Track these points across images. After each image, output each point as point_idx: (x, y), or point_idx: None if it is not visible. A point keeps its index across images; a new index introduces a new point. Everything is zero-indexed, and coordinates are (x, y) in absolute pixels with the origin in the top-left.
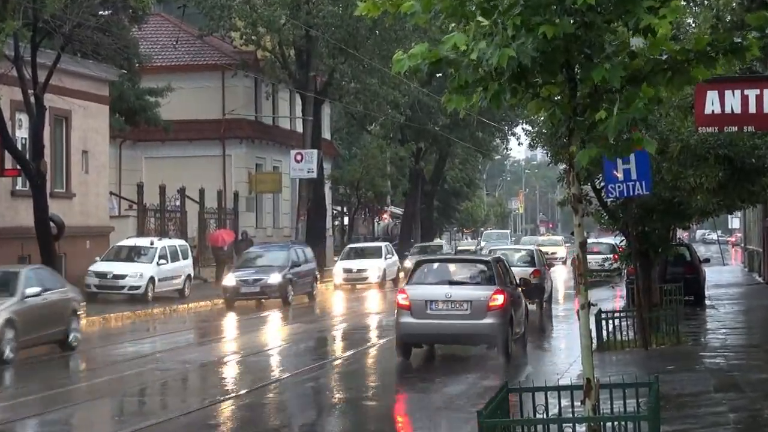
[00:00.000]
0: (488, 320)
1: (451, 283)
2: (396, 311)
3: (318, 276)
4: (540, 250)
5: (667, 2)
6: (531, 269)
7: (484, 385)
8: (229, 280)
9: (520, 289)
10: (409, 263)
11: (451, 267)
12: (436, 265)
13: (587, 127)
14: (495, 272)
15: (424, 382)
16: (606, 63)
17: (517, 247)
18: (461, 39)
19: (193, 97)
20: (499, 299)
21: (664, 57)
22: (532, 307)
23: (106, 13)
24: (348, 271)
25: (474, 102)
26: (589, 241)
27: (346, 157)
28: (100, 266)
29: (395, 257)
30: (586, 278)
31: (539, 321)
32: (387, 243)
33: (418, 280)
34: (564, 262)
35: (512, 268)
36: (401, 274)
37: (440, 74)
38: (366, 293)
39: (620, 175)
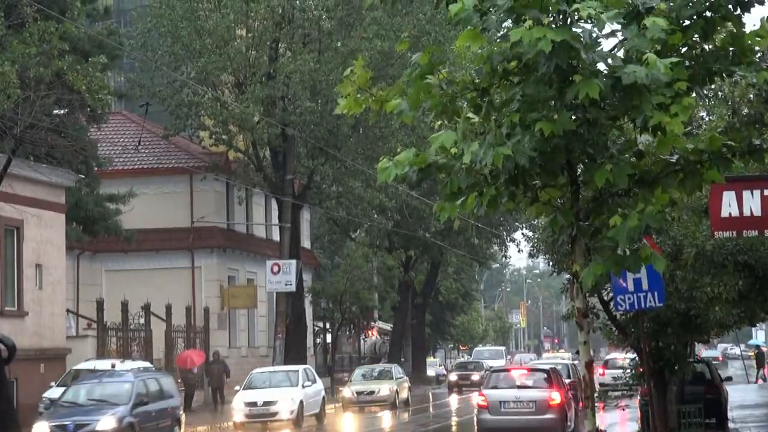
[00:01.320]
0: (549, 415)
1: (519, 387)
2: (476, 410)
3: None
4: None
5: (678, 98)
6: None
7: None
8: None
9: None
10: (453, 377)
11: (517, 374)
12: (504, 373)
13: (591, 234)
14: (553, 378)
15: None
16: (609, 163)
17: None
18: (449, 138)
19: (158, 203)
20: (557, 398)
21: (675, 157)
22: None
23: (62, 112)
24: (251, 404)
25: (469, 208)
26: (611, 356)
27: (327, 267)
28: (56, 392)
29: (319, 385)
30: (593, 402)
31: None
32: (306, 367)
33: (492, 385)
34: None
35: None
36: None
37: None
38: None
39: (630, 286)
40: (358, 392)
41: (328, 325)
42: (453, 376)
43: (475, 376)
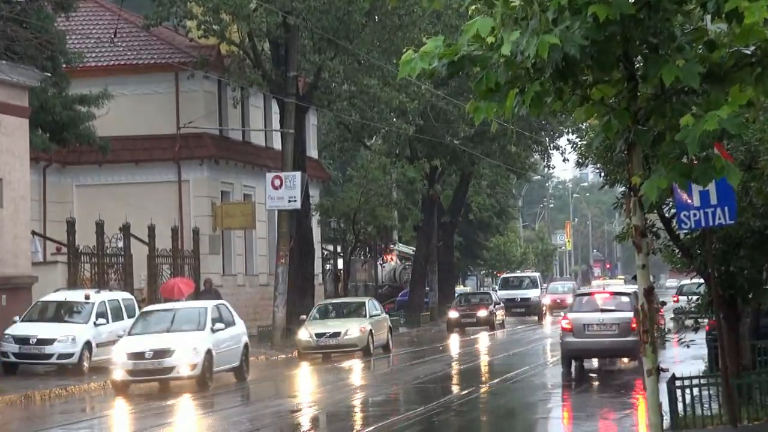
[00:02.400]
0: (631, 337)
1: (602, 310)
2: (560, 333)
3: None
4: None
5: None
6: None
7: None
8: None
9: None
10: (454, 313)
11: (600, 298)
12: (587, 297)
13: (652, 140)
14: (635, 301)
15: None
16: (679, 57)
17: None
18: (486, 25)
19: (137, 106)
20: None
21: (751, 49)
22: None
23: None
24: (136, 356)
25: (508, 109)
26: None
27: (338, 180)
28: (21, 328)
29: (238, 328)
30: (653, 336)
31: None
32: (221, 302)
33: (576, 309)
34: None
35: None
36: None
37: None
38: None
39: (696, 200)
40: (318, 335)
41: (339, 249)
42: (453, 313)
43: (482, 312)
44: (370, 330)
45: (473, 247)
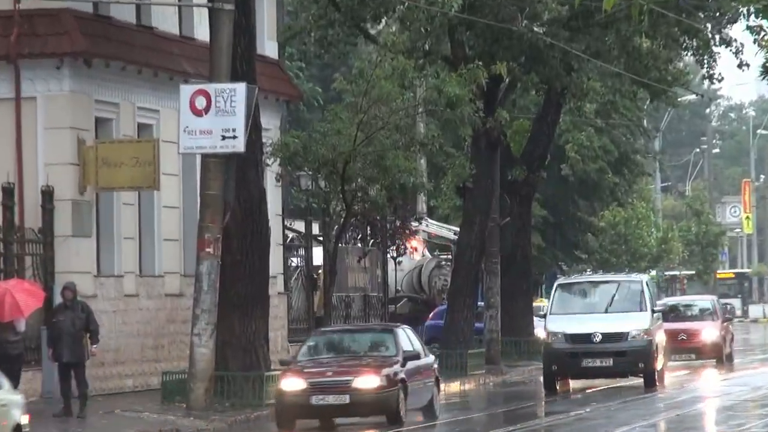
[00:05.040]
0: None
1: None
2: None
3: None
4: None
5: None
6: None
7: None
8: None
9: None
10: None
11: None
12: None
13: None
14: None
15: None
16: None
17: None
18: None
19: None
20: None
21: None
22: None
23: None
24: None
25: None
26: None
27: (316, 101)
28: None
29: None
30: None
31: None
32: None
33: None
34: None
35: None
36: None
37: None
38: None
39: None
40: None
41: (316, 230)
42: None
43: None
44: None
45: (569, 228)
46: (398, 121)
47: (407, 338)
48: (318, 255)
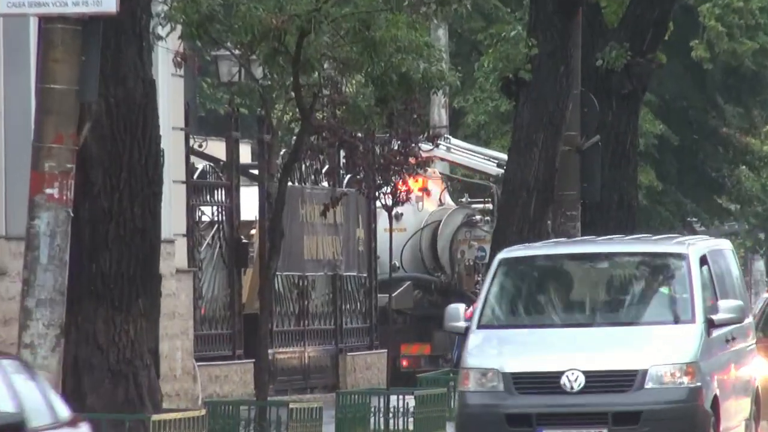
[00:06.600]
0: None
1: None
2: None
3: None
4: None
5: None
6: None
7: None
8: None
9: None
10: None
11: None
12: None
13: None
14: None
15: None
16: None
17: None
18: None
19: None
20: None
21: None
22: None
23: None
24: None
25: None
26: None
27: None
28: None
29: None
30: None
31: None
32: None
33: None
34: None
35: None
36: None
37: None
38: None
39: None
40: None
41: (247, 156)
42: None
43: None
44: None
45: (705, 157)
46: None
47: None
48: (250, 202)
